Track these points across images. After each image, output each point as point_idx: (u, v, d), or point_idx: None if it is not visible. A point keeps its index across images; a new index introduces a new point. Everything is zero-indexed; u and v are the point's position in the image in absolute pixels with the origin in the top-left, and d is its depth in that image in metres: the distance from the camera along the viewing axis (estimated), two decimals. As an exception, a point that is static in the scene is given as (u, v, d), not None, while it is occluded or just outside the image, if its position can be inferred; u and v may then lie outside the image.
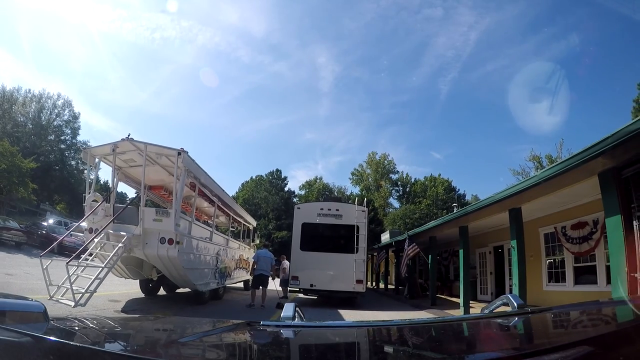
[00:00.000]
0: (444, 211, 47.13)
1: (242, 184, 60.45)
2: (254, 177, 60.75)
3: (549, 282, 11.84)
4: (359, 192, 60.74)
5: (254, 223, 20.50)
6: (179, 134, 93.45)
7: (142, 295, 11.90)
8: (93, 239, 9.16)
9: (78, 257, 9.18)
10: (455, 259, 17.62)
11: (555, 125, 62.19)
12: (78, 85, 77.54)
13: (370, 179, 63.09)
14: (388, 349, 1.39)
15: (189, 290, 11.78)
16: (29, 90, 47.31)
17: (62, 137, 47.72)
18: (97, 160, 10.16)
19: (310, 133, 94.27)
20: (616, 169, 6.72)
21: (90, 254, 8.98)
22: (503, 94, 73.29)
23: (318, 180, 63.81)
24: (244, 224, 17.74)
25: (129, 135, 9.20)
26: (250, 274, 13.16)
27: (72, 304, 7.61)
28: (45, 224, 25.48)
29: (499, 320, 1.68)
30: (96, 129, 73.67)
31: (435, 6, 64.88)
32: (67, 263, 7.99)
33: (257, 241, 20.57)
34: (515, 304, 1.65)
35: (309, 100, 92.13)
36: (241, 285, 17.45)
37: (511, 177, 38.01)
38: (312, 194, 59.42)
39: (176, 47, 77.39)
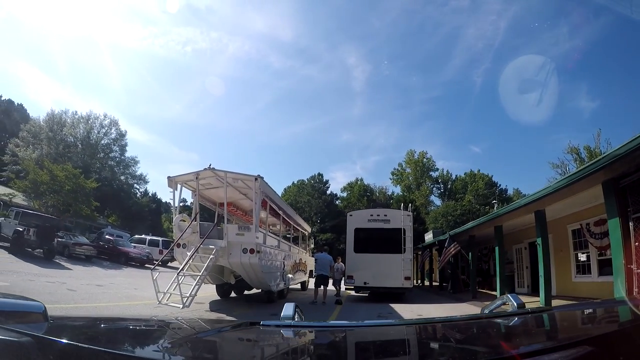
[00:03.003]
0: (486, 207, 48.15)
1: (285, 188, 63.04)
2: (295, 182, 63.56)
3: (577, 274, 13.50)
4: (400, 192, 62.49)
5: (309, 229, 23.13)
6: (215, 141, 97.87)
7: (217, 297, 13.99)
8: (193, 254, 11.16)
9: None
10: (495, 256, 19.37)
11: (594, 112, 61.40)
12: (114, 101, 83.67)
13: (410, 178, 64.62)
14: (387, 348, 1.46)
15: (255, 292, 14.19)
16: (76, 112, 52.07)
17: (111, 155, 52.15)
18: (179, 185, 12.55)
19: (346, 134, 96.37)
20: (615, 179, 8.54)
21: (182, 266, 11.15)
22: (532, 82, 72.68)
23: (359, 181, 65.73)
24: (301, 231, 20.11)
25: (210, 165, 11.53)
26: (312, 275, 15.50)
27: (180, 306, 9.77)
28: (111, 237, 28.62)
29: (499, 320, 1.73)
30: (135, 141, 78.77)
31: (462, -4, 65.51)
32: (177, 273, 10.39)
33: (312, 245, 23.10)
34: (515, 304, 1.69)
35: (342, 101, 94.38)
36: (299, 286, 19.66)
37: (550, 171, 38.82)
38: (354, 196, 61.71)
39: (207, 58, 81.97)
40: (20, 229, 20.01)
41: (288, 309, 1.66)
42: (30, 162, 34.82)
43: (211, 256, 10.89)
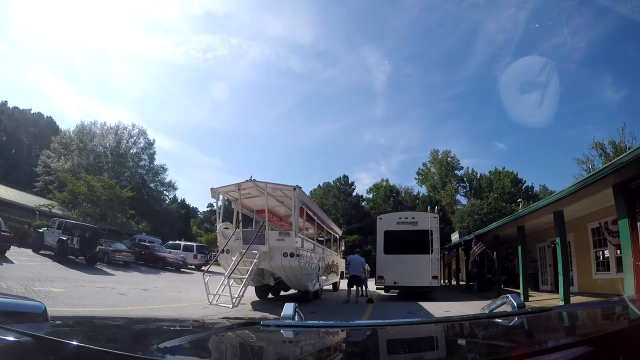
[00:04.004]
0: (512, 205, 48.49)
1: (311, 191, 64.12)
2: (321, 185, 65.29)
3: (597, 271, 14.37)
4: (426, 192, 63.64)
5: (340, 232, 24.59)
6: (239, 146, 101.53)
7: (256, 298, 15.06)
8: (240, 259, 12.30)
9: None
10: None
11: (621, 103, 60.09)
12: (139, 110, 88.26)
13: (435, 178, 65.48)
14: (387, 348, 1.50)
15: (290, 293, 15.33)
16: (104, 123, 54.91)
17: (141, 163, 54.79)
18: (221, 196, 13.86)
19: (369, 135, 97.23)
20: (624, 183, 9.48)
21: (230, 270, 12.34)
22: (562, 73, 71.56)
23: (384, 182, 66.76)
24: (333, 234, 21.41)
25: (251, 177, 12.79)
26: (345, 277, 16.73)
27: (230, 306, 11.07)
28: (147, 244, 30.48)
29: (498, 320, 1.77)
30: (160, 148, 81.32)
31: (480, -9, 65.39)
32: (226, 276, 11.72)
33: (343, 248, 24.67)
34: (515, 304, 1.72)
35: (364, 102, 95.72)
36: (331, 287, 20.76)
37: (575, 167, 38.96)
38: (380, 197, 62.92)
39: (228, 65, 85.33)
40: (64, 238, 21.54)
41: (288, 308, 1.69)
42: (67, 174, 36.85)
43: (255, 260, 12.06)
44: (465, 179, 65.98)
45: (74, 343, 1.08)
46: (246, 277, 11.94)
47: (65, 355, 1.03)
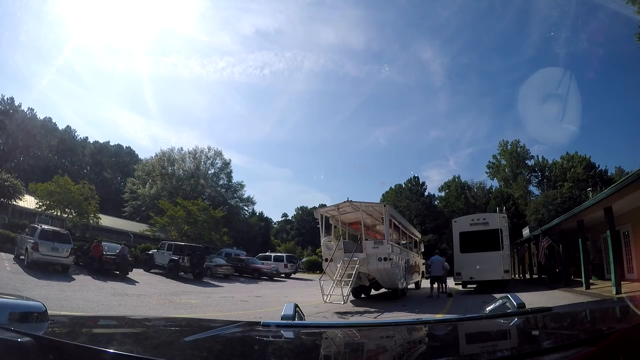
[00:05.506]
0: (588, 191, 48.72)
1: (383, 194, 66.90)
2: (393, 187, 67.42)
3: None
4: (498, 185, 64.26)
5: (420, 236, 28.04)
6: (306, 155, 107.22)
7: (351, 297, 17.04)
8: (347, 265, 15.10)
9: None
10: (587, 245, 21.66)
11: None
12: (205, 130, 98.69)
13: (506, 170, 65.86)
14: (388, 348, 1.56)
15: (380, 292, 18.31)
16: (181, 148, 61.14)
17: (220, 182, 60.44)
18: (322, 215, 17.12)
19: (434, 131, 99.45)
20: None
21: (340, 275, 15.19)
22: (626, 41, 67.19)
23: (456, 179, 67.49)
24: (414, 239, 24.45)
25: (348, 199, 16.21)
26: (425, 276, 20.07)
27: (342, 302, 13.95)
28: (242, 257, 34.90)
29: (498, 320, 1.86)
30: (232, 165, 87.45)
31: (525, -33, 63.40)
32: (335, 279, 14.95)
33: (422, 249, 28.02)
34: (515, 304, 1.80)
35: (426, 98, 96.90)
36: (413, 285, 23.37)
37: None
38: (451, 195, 64.12)
39: (286, 77, 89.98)
40: (176, 258, 25.13)
41: (288, 308, 1.76)
42: (166, 201, 41.77)
43: (357, 265, 14.97)
44: (536, 169, 65.71)
45: (74, 343, 1.20)
46: (351, 279, 14.83)
47: (65, 355, 1.10)
